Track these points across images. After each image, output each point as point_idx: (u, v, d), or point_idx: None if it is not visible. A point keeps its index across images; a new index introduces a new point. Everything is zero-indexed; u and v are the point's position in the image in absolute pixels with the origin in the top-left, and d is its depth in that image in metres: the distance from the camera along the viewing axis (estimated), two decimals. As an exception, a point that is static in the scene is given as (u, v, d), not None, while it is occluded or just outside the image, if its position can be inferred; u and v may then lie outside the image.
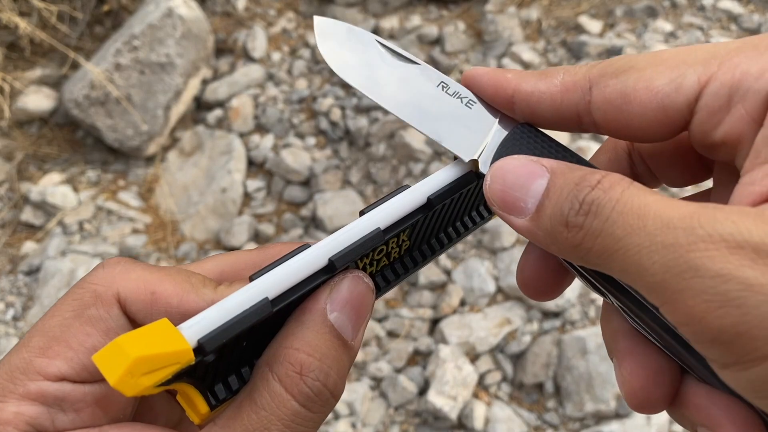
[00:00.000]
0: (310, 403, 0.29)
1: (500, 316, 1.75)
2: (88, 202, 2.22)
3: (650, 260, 0.24)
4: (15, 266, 2.09)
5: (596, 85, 0.31)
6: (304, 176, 2.20)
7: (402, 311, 1.81)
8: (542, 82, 0.33)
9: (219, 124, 2.39)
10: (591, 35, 2.38)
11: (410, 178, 2.08)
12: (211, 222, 2.15)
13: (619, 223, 0.26)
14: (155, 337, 0.26)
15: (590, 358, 1.60)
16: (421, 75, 0.37)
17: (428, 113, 0.36)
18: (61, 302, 0.31)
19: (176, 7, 2.36)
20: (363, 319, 0.32)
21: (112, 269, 0.31)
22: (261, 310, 0.28)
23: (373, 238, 0.32)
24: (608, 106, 0.31)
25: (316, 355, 0.29)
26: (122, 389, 0.25)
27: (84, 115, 2.27)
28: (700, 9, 2.46)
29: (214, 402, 0.30)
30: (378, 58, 0.37)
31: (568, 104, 0.32)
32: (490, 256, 1.87)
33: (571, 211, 0.28)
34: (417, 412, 1.64)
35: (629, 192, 0.26)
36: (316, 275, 0.31)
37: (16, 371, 0.28)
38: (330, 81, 2.44)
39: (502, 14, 2.51)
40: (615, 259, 0.26)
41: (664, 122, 0.30)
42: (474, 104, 0.36)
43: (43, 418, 0.28)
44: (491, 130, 0.35)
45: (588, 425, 1.57)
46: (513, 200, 0.30)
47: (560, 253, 0.29)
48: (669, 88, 0.29)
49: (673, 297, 0.24)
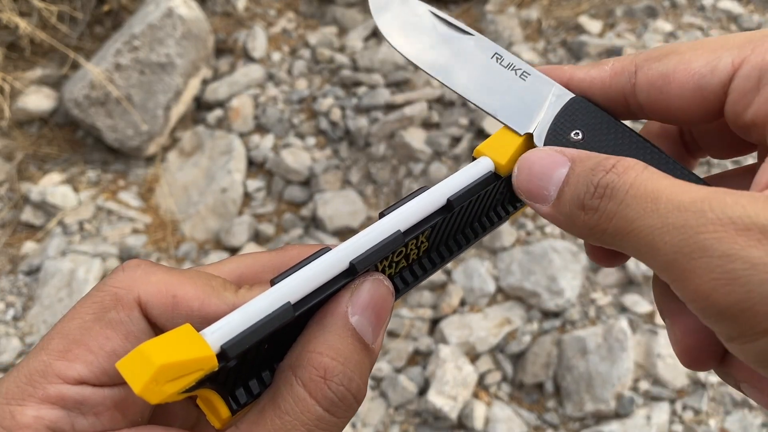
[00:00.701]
0: (334, 408, 0.29)
1: (500, 316, 1.75)
2: (88, 202, 2.22)
3: (662, 241, 0.26)
4: (15, 266, 2.09)
5: (641, 68, 0.33)
6: (304, 176, 2.20)
7: (402, 311, 1.81)
8: (594, 69, 0.35)
9: (219, 124, 2.39)
10: (591, 35, 2.38)
11: (410, 178, 2.08)
12: (211, 222, 2.15)
13: (633, 206, 0.27)
14: (179, 343, 0.26)
15: (590, 358, 1.60)
16: (475, 46, 0.37)
17: (482, 85, 0.37)
18: (81, 304, 0.30)
19: (176, 7, 2.36)
20: (383, 322, 0.32)
21: (132, 272, 0.31)
22: (283, 315, 0.28)
23: (394, 240, 0.32)
24: (651, 87, 0.33)
25: (340, 359, 0.29)
26: (147, 397, 0.25)
27: (84, 115, 2.27)
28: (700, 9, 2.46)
29: (236, 407, 0.30)
30: (432, 29, 0.38)
31: (616, 87, 0.34)
32: (490, 256, 1.86)
33: (587, 195, 0.29)
34: (417, 412, 1.64)
35: (643, 176, 0.28)
36: (337, 279, 0.31)
37: (35, 374, 0.28)
38: (330, 81, 2.44)
39: (502, 14, 2.51)
40: (629, 240, 0.27)
41: (701, 103, 0.31)
42: (528, 76, 0.36)
43: (62, 422, 0.28)
44: (546, 103, 0.36)
45: (588, 425, 1.57)
46: (537, 189, 0.32)
47: (579, 235, 0.31)
48: (705, 70, 0.31)
49: (683, 275, 0.25)
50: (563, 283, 1.73)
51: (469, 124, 2.15)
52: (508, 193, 0.39)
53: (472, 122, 2.15)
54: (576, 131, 0.35)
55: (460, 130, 2.15)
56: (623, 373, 1.57)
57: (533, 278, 1.76)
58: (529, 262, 1.79)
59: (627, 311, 1.71)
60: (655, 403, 1.56)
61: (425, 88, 2.29)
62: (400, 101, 2.24)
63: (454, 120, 2.18)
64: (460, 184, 0.34)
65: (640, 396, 1.57)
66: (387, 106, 2.25)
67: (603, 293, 1.75)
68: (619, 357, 1.58)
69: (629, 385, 1.58)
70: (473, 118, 2.15)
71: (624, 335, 1.61)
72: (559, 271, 1.75)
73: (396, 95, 2.27)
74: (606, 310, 1.71)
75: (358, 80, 2.37)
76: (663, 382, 1.58)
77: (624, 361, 1.58)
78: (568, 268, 1.76)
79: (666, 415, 1.54)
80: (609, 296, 1.74)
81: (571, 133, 0.35)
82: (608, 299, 1.73)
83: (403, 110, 2.20)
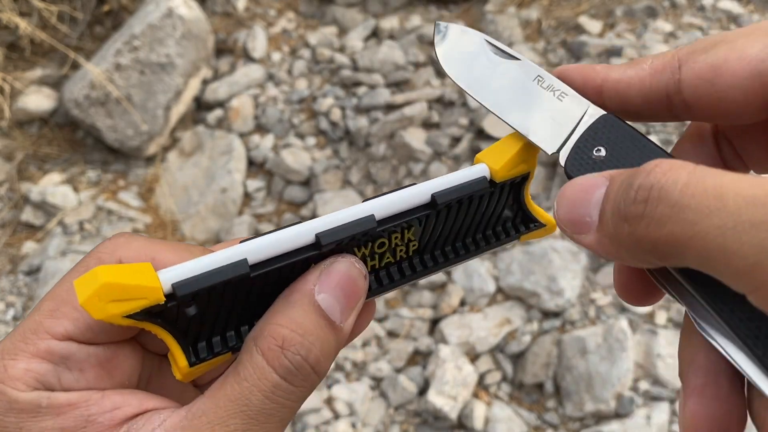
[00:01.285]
0: (290, 377, 0.30)
1: (500, 316, 1.75)
2: (88, 202, 2.22)
3: (738, 242, 0.22)
4: (15, 266, 2.09)
5: (685, 63, 0.30)
6: (304, 176, 2.20)
7: (402, 311, 1.81)
8: (631, 69, 0.33)
9: (219, 124, 2.39)
10: (591, 35, 2.38)
11: (410, 178, 2.08)
12: (211, 222, 2.16)
13: (693, 206, 0.23)
14: (133, 273, 0.28)
15: (590, 358, 1.60)
16: (519, 69, 0.37)
17: (521, 107, 0.36)
18: (71, 271, 0.33)
19: (176, 7, 2.36)
20: (354, 303, 0.32)
21: (116, 240, 0.33)
22: (237, 268, 0.29)
23: (363, 222, 0.32)
24: (699, 81, 0.30)
25: (299, 331, 0.30)
26: (89, 310, 0.27)
27: (84, 115, 2.27)
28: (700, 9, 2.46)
29: (194, 359, 0.31)
30: (483, 57, 0.38)
31: (658, 86, 0.31)
32: (490, 256, 1.87)
33: (626, 202, 0.25)
34: (417, 412, 1.64)
35: (699, 173, 0.24)
36: (302, 250, 0.31)
37: (27, 332, 0.30)
38: (330, 81, 2.45)
39: (502, 14, 2.51)
40: (691, 247, 0.23)
41: (759, 92, 0.28)
42: (565, 97, 0.36)
43: (50, 375, 0.30)
44: (577, 123, 0.35)
45: (588, 425, 1.57)
46: (579, 217, 0.29)
47: (630, 258, 0.27)
48: (764, 54, 0.28)
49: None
50: (563, 283, 1.73)
51: (469, 124, 2.15)
52: (517, 209, 0.39)
53: (472, 122, 2.15)
54: (598, 147, 0.34)
55: (460, 130, 2.15)
56: (623, 373, 1.57)
57: (533, 278, 1.76)
58: (529, 262, 1.79)
59: (627, 311, 1.71)
60: (655, 403, 1.56)
61: (425, 88, 2.29)
62: (400, 101, 2.24)
63: (454, 120, 2.18)
64: (448, 182, 0.34)
65: (640, 396, 1.57)
66: (387, 106, 2.26)
67: (603, 293, 1.75)
68: (619, 357, 1.59)
69: (629, 385, 1.58)
70: (473, 118, 2.15)
71: (624, 335, 1.61)
72: (559, 271, 1.75)
73: (396, 95, 2.27)
74: (606, 310, 1.72)
75: (358, 80, 2.37)
76: (663, 382, 1.58)
77: (624, 361, 1.58)
78: (568, 268, 1.76)
79: (666, 415, 1.54)
80: (609, 296, 1.74)
81: (593, 150, 0.34)
82: (608, 299, 1.73)
83: (403, 110, 2.20)
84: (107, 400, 0.30)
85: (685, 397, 0.29)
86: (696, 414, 0.28)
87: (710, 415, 0.28)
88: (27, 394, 0.29)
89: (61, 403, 0.29)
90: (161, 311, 0.29)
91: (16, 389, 0.29)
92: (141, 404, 0.30)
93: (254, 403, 0.29)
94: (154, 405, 0.31)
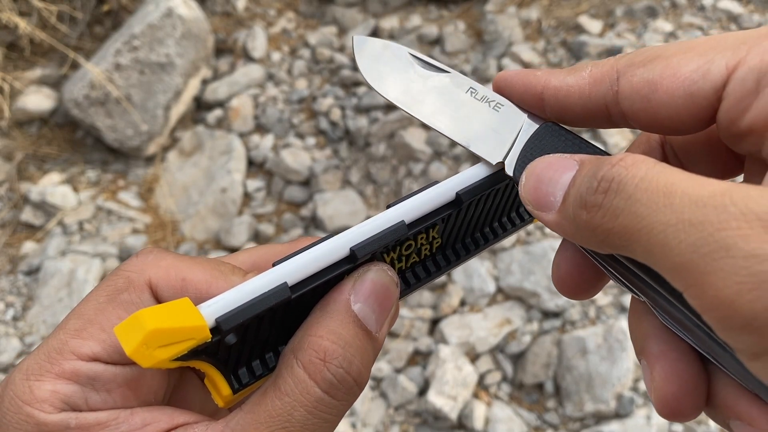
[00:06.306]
0: (333, 390, 0.29)
1: (500, 316, 1.75)
2: (88, 202, 2.21)
3: (676, 239, 0.23)
4: (15, 266, 2.09)
5: (623, 75, 0.31)
6: (304, 176, 2.20)
7: (402, 311, 1.81)
8: (571, 76, 0.33)
9: (219, 124, 2.39)
10: (591, 35, 2.38)
11: (410, 178, 2.08)
12: (211, 222, 2.15)
13: (643, 201, 0.24)
14: (175, 313, 0.27)
15: (590, 358, 1.60)
16: (450, 83, 0.37)
17: (457, 120, 0.36)
18: (97, 288, 0.32)
19: (176, 7, 2.36)
20: (387, 311, 0.32)
21: (145, 257, 0.33)
22: (279, 294, 0.29)
23: (396, 230, 0.32)
24: (635, 95, 0.30)
25: (340, 342, 0.30)
26: (138, 359, 0.26)
27: (84, 115, 2.27)
28: (700, 9, 2.46)
29: (237, 386, 0.31)
30: (411, 70, 0.38)
31: (596, 96, 0.32)
32: (490, 256, 1.87)
33: (588, 191, 0.27)
34: (417, 412, 1.64)
35: (656, 169, 0.25)
36: (338, 264, 0.31)
37: (53, 351, 0.30)
38: (330, 81, 2.44)
39: (502, 14, 2.51)
40: (638, 239, 0.24)
41: (692, 111, 0.29)
42: (501, 107, 0.36)
43: (77, 396, 0.29)
44: (518, 132, 0.35)
45: (588, 425, 1.57)
46: (544, 195, 0.30)
47: (584, 242, 0.28)
48: (696, 75, 0.28)
49: (700, 279, 0.22)
50: (563, 283, 1.73)
51: (469, 124, 2.15)
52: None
53: (472, 122, 2.15)
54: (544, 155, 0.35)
55: (460, 130, 2.14)
56: (623, 373, 1.57)
57: (533, 278, 1.76)
58: (529, 262, 1.79)
59: (627, 311, 1.71)
60: (655, 403, 1.56)
61: (425, 88, 2.29)
62: (400, 101, 2.24)
63: (454, 120, 2.18)
64: (470, 179, 0.35)
65: (640, 396, 1.57)
66: (387, 105, 2.25)
67: (603, 293, 1.75)
68: (619, 357, 1.58)
69: (629, 385, 1.58)
70: (473, 118, 2.15)
71: (624, 335, 1.61)
72: (559, 271, 1.75)
73: (396, 95, 2.27)
74: (606, 310, 1.71)
75: (358, 80, 2.37)
76: (663, 382, 1.58)
77: (624, 361, 1.58)
78: (568, 268, 1.76)
79: (666, 415, 1.54)
80: (609, 296, 1.74)
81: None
82: (608, 299, 1.73)
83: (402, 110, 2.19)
84: (137, 417, 0.29)
85: (651, 366, 0.29)
86: (666, 376, 0.28)
87: (680, 372, 0.28)
88: (55, 416, 0.28)
89: (90, 423, 0.29)
90: (206, 347, 0.29)
91: (43, 411, 0.28)
92: (171, 420, 0.30)
93: (297, 419, 0.29)
94: (185, 420, 0.30)
